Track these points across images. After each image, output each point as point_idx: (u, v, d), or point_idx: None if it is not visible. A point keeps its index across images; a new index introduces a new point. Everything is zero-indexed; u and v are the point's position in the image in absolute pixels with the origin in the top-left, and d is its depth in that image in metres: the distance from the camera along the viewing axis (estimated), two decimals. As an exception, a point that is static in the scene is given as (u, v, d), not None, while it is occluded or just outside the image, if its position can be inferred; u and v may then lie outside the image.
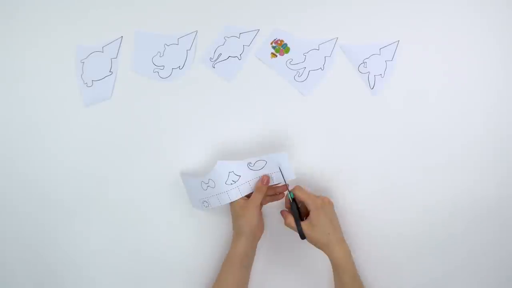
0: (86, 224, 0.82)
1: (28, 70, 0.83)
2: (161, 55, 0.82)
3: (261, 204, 0.73)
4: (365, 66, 0.79)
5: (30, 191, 0.83)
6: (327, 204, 0.70)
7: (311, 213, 0.68)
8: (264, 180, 0.71)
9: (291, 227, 0.70)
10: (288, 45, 0.80)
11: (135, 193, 0.81)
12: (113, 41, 0.83)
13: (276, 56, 0.81)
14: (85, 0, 0.83)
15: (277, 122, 0.80)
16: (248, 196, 0.73)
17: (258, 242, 0.74)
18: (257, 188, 0.71)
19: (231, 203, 0.72)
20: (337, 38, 0.80)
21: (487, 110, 0.77)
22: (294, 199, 0.71)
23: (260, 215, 0.72)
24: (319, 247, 0.69)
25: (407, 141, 0.78)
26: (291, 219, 0.70)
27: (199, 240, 0.80)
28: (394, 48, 0.79)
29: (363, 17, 0.79)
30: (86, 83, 0.82)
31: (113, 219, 0.82)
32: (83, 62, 0.83)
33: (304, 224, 0.69)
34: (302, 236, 0.69)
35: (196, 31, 0.82)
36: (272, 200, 0.75)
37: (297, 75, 0.80)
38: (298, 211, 0.70)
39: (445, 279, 0.78)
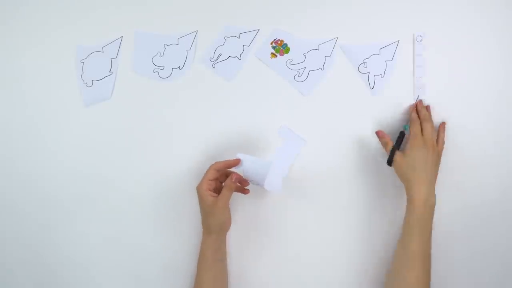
0: (86, 224, 0.82)
1: (28, 70, 0.83)
2: (161, 55, 0.82)
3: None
4: (365, 66, 0.79)
5: (30, 191, 0.83)
6: (431, 148, 0.70)
7: (410, 147, 0.70)
8: (233, 177, 0.70)
9: (384, 147, 0.72)
10: (288, 45, 0.80)
11: (135, 193, 0.81)
12: (113, 41, 0.83)
13: (276, 56, 0.80)
14: (85, 0, 0.83)
15: (277, 122, 0.80)
16: (216, 191, 0.72)
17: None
18: (226, 185, 0.70)
19: (201, 201, 0.71)
20: (337, 38, 0.80)
21: (487, 110, 0.77)
22: (403, 132, 0.73)
23: (229, 211, 0.72)
24: (402, 180, 0.70)
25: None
26: (388, 140, 0.72)
27: (199, 240, 0.80)
28: (394, 48, 0.79)
29: (363, 17, 0.79)
30: (86, 83, 0.82)
31: (113, 219, 0.82)
32: (83, 62, 0.83)
33: (398, 152, 0.70)
34: (389, 163, 0.71)
35: (196, 31, 0.82)
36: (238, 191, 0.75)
37: (297, 75, 0.80)
38: (400, 142, 0.72)
39: (445, 279, 0.78)
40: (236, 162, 0.72)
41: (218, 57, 0.81)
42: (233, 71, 0.81)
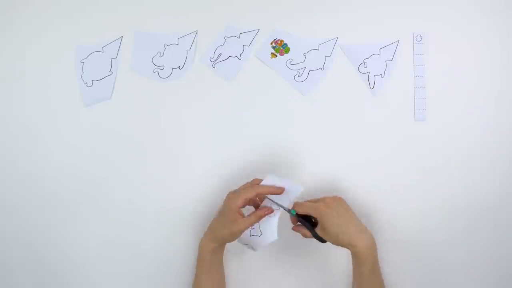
0: (86, 224, 0.82)
1: (28, 70, 0.83)
2: (161, 55, 0.82)
3: None
4: (365, 66, 0.79)
5: (30, 191, 0.83)
6: (332, 203, 0.68)
7: (319, 220, 0.67)
8: (269, 211, 0.69)
9: (307, 237, 0.70)
10: (288, 45, 0.80)
11: (135, 193, 0.81)
12: (113, 41, 0.83)
13: (276, 56, 0.80)
14: (85, 0, 0.83)
15: (277, 122, 0.80)
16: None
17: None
18: (257, 214, 0.68)
19: (226, 213, 0.68)
20: (337, 38, 0.80)
21: (487, 110, 0.77)
22: (297, 214, 0.69)
23: (240, 234, 0.70)
24: (343, 246, 0.67)
25: (407, 141, 0.78)
26: (305, 231, 0.69)
27: (199, 240, 0.80)
28: (394, 48, 0.79)
29: (363, 17, 0.79)
30: (86, 83, 0.82)
31: (113, 219, 0.82)
32: (83, 62, 0.83)
33: (318, 231, 0.68)
34: (323, 241, 0.69)
35: (196, 31, 0.82)
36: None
37: (297, 75, 0.80)
38: (308, 220, 0.69)
39: (444, 278, 0.78)
40: (280, 192, 0.69)
41: (218, 57, 0.81)
42: (233, 71, 0.81)
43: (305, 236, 0.70)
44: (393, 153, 0.78)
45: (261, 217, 0.68)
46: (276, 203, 0.69)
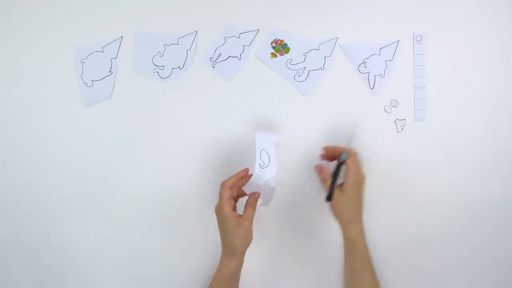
0: (86, 224, 0.82)
1: (28, 70, 0.83)
2: (161, 55, 0.82)
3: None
4: (365, 66, 0.79)
5: (30, 190, 0.83)
6: (363, 183, 0.70)
7: (348, 184, 0.67)
8: (256, 195, 0.69)
9: (323, 183, 0.69)
10: (288, 45, 0.80)
11: (134, 192, 0.81)
12: (113, 41, 0.83)
13: (276, 56, 0.81)
14: (85, 0, 0.83)
15: (277, 122, 0.80)
16: (235, 209, 0.69)
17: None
18: (249, 204, 0.68)
19: (223, 223, 0.66)
20: (337, 38, 0.80)
21: (487, 110, 0.77)
22: (342, 163, 0.69)
23: (252, 229, 0.69)
24: (338, 220, 0.68)
25: (407, 141, 0.78)
26: (327, 176, 0.69)
27: (199, 240, 0.80)
28: (394, 48, 0.79)
29: (363, 17, 0.79)
30: (86, 83, 0.82)
31: (112, 219, 0.82)
32: (83, 62, 0.83)
33: (337, 190, 0.68)
34: (329, 198, 0.67)
35: (196, 31, 0.82)
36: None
37: (297, 75, 0.80)
38: (337, 175, 0.69)
39: (444, 277, 0.78)
40: (245, 172, 0.69)
41: (218, 57, 0.81)
42: (233, 71, 0.81)
43: (323, 180, 0.70)
44: (393, 152, 0.78)
45: (253, 205, 0.67)
46: (267, 154, 0.69)
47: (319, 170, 0.72)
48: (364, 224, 0.69)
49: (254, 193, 0.69)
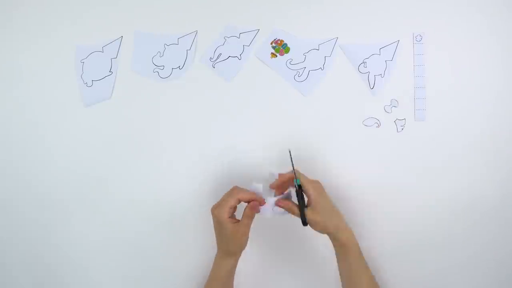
0: (86, 224, 0.82)
1: (28, 70, 0.83)
2: (161, 55, 0.82)
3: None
4: (365, 66, 0.79)
5: (30, 190, 0.83)
6: (323, 189, 0.69)
7: (313, 198, 0.66)
8: (254, 207, 0.67)
9: (292, 213, 0.67)
10: (288, 45, 0.80)
11: (134, 192, 0.81)
12: (113, 41, 0.83)
13: (276, 56, 0.81)
14: (85, 0, 0.83)
15: (277, 122, 0.80)
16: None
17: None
18: (246, 215, 0.67)
19: (220, 228, 0.67)
20: (337, 38, 0.80)
21: (487, 110, 0.77)
22: (300, 186, 0.68)
23: (248, 235, 0.69)
24: (326, 233, 0.67)
25: (407, 141, 0.78)
26: (293, 207, 0.67)
27: (199, 240, 0.80)
28: (394, 48, 0.79)
29: (363, 17, 0.79)
30: (86, 83, 0.82)
31: (112, 219, 0.82)
32: (83, 62, 0.83)
33: (308, 211, 0.66)
34: (305, 223, 0.67)
35: (196, 31, 0.82)
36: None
37: (297, 75, 0.80)
38: (302, 197, 0.67)
39: (445, 278, 0.78)
40: (261, 202, 0.67)
41: (218, 57, 0.81)
42: (233, 71, 0.81)
43: (291, 211, 0.67)
44: (393, 152, 0.78)
45: (250, 216, 0.67)
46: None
47: (282, 204, 0.68)
48: (347, 224, 0.68)
49: (252, 203, 0.67)
